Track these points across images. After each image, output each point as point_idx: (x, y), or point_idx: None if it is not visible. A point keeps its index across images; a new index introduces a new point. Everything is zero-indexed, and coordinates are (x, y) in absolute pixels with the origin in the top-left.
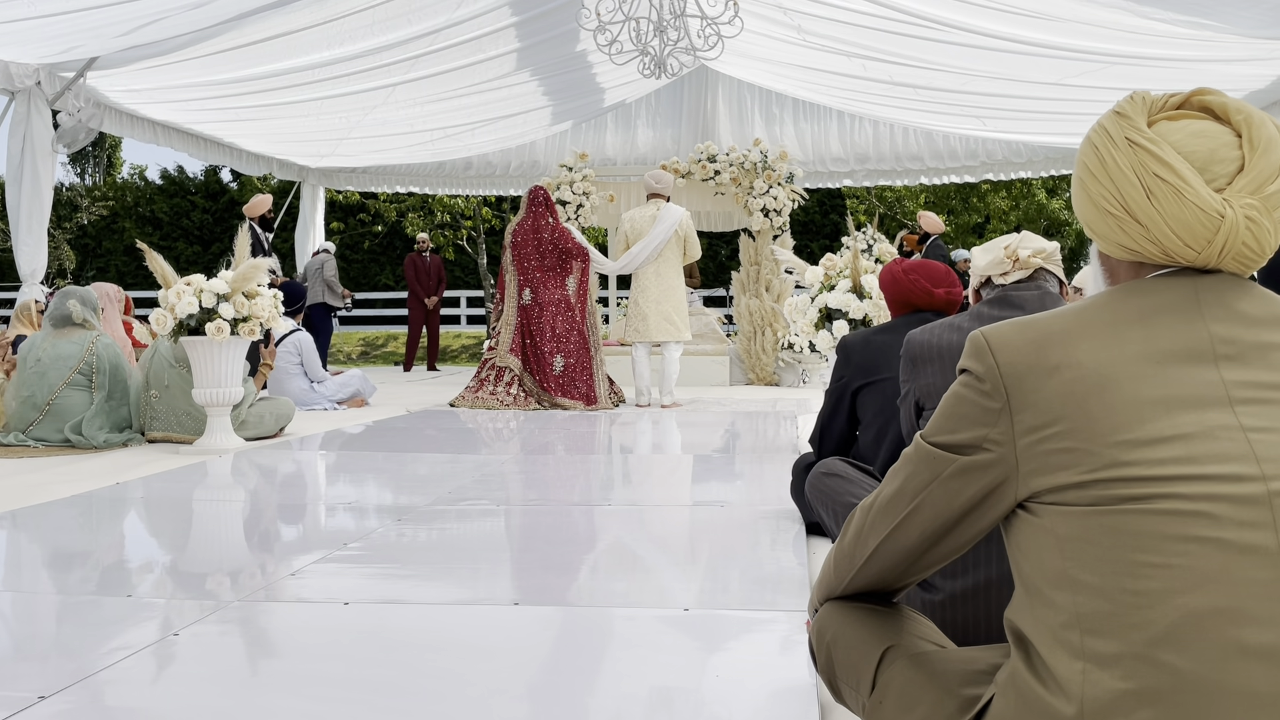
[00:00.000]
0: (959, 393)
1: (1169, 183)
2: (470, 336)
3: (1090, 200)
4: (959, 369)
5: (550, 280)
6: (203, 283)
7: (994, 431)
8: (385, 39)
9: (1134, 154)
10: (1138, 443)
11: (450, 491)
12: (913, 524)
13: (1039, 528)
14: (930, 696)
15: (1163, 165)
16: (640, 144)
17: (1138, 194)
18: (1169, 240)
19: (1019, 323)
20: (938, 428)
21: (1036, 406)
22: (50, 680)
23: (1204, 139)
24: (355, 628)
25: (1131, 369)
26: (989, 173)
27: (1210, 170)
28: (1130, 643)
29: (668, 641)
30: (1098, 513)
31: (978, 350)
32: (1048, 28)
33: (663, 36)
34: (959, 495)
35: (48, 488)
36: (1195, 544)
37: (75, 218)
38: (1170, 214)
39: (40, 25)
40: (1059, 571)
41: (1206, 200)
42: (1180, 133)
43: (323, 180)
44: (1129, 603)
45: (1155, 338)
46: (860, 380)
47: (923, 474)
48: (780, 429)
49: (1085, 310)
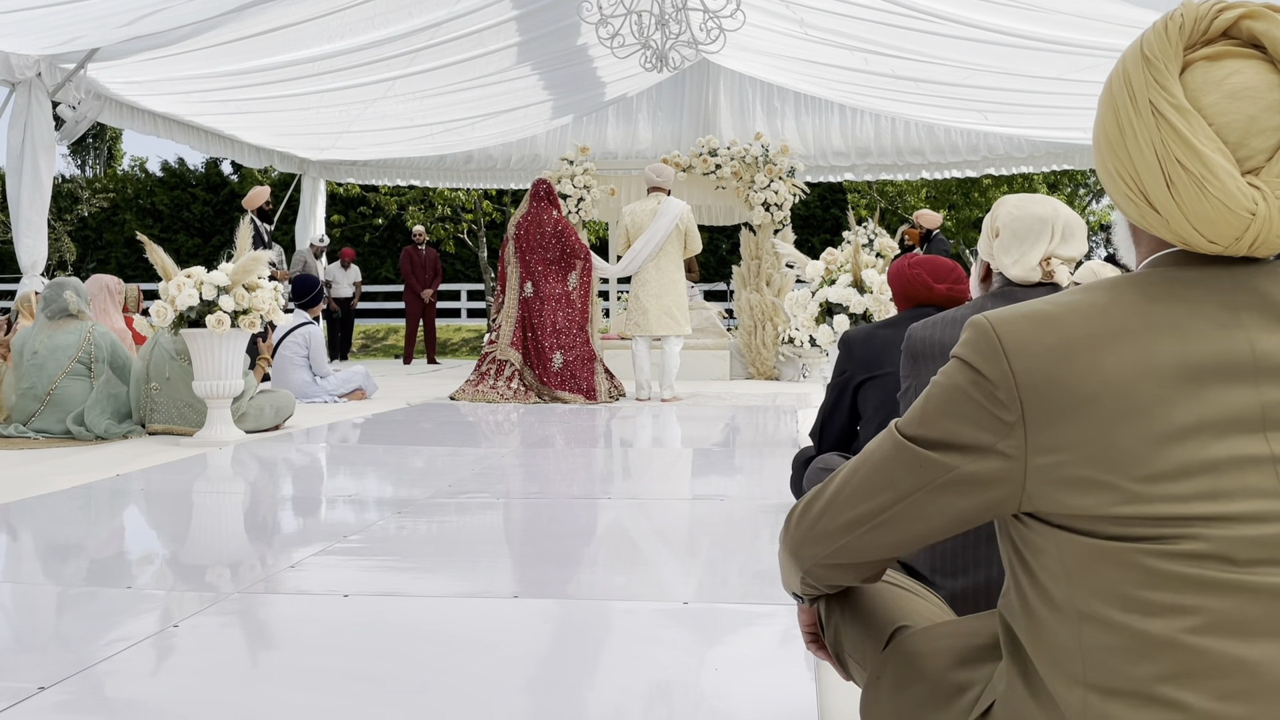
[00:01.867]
0: (959, 388)
1: (1192, 173)
2: (470, 330)
3: (1109, 172)
4: (955, 355)
5: (552, 274)
6: (203, 275)
7: (1003, 444)
8: (386, 32)
9: (1157, 127)
10: (1163, 477)
11: (450, 484)
12: (877, 535)
13: (1044, 545)
14: (925, 677)
15: (1187, 149)
16: (641, 138)
17: (1156, 181)
18: (1189, 234)
19: (1034, 316)
20: (922, 420)
21: (1056, 426)
22: (50, 671)
23: (1245, 101)
24: (355, 620)
25: (1163, 391)
26: (990, 167)
27: (1247, 145)
28: (1135, 679)
29: (667, 635)
30: (1111, 549)
31: (988, 347)
32: (1049, 22)
33: (664, 30)
34: (948, 507)
35: (48, 479)
36: (1209, 586)
37: (76, 210)
38: (1192, 209)
39: (41, 16)
40: (1063, 596)
41: (1234, 196)
42: (1216, 91)
43: (323, 173)
44: (1136, 639)
45: (1190, 350)
46: (863, 375)
47: (904, 481)
48: (780, 423)
49: (1110, 309)
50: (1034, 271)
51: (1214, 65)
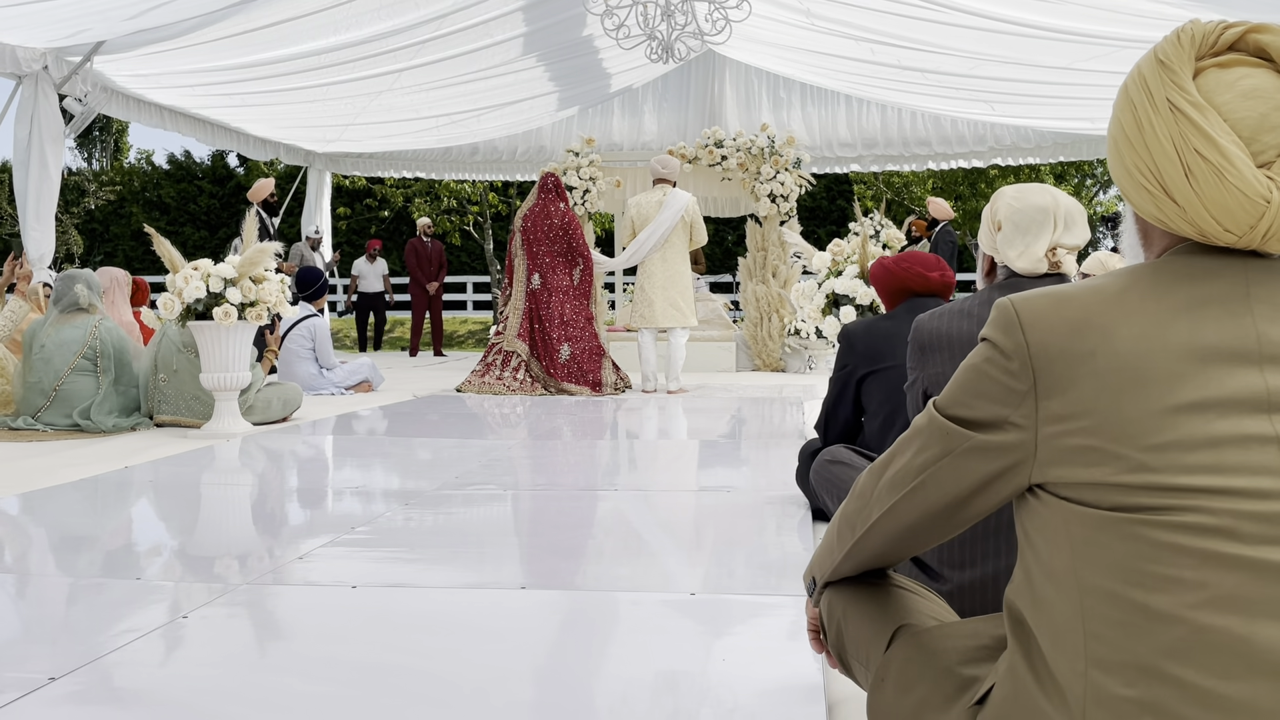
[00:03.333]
0: (979, 366)
1: (1210, 162)
2: (477, 322)
3: (1125, 168)
4: (981, 336)
5: (559, 266)
6: (210, 267)
7: (1016, 414)
8: (392, 24)
9: (1175, 122)
10: (1168, 447)
11: (457, 476)
12: (918, 498)
13: (1050, 520)
14: (929, 675)
15: (1205, 140)
16: (647, 129)
17: (1175, 171)
18: (1206, 224)
19: (1053, 295)
20: (953, 400)
21: (1066, 395)
22: (60, 662)
23: (1256, 100)
24: (362, 611)
25: (1173, 366)
26: (997, 158)
27: (1259, 140)
28: (1136, 653)
29: (673, 626)
30: (1115, 519)
31: (1006, 322)
32: (1057, 11)
33: (670, 21)
34: (969, 474)
35: (56, 471)
36: (1213, 560)
37: (83, 202)
38: (1210, 197)
39: (47, 9)
40: (1067, 570)
41: (1250, 184)
42: (1229, 91)
43: (329, 165)
44: (1139, 612)
45: (1200, 331)
46: (865, 368)
47: (933, 448)
48: (786, 415)
49: (1128, 291)
50: (1040, 263)
51: (1225, 71)
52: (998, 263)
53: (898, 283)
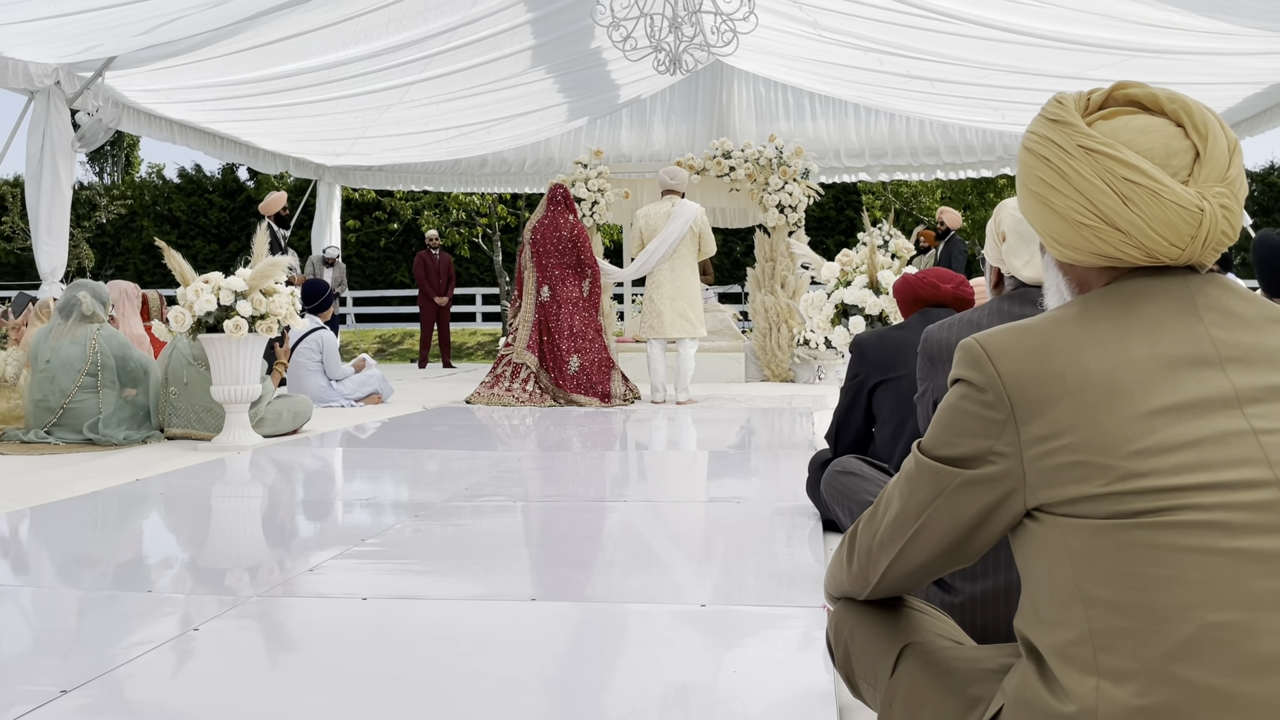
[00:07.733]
0: (957, 405)
1: (1143, 185)
2: (486, 334)
3: (1055, 214)
4: (952, 379)
5: (569, 278)
6: (220, 281)
7: (998, 443)
8: (400, 38)
9: (1095, 162)
10: (1151, 452)
11: (467, 488)
12: (920, 542)
13: (1049, 540)
14: (936, 698)
15: (1130, 169)
16: (655, 140)
17: (1113, 202)
18: (1153, 242)
19: (1014, 329)
20: (936, 441)
21: (1044, 417)
22: (71, 675)
23: (1152, 134)
24: (373, 623)
25: (1141, 376)
26: (1006, 167)
27: (1170, 164)
28: (1145, 659)
29: (684, 637)
30: (1111, 527)
31: (974, 359)
32: (1065, 20)
33: (678, 32)
34: (965, 509)
35: (68, 484)
36: (1210, 555)
37: (94, 216)
38: (1152, 215)
39: (59, 25)
40: (1071, 586)
41: (1184, 197)
42: (1126, 131)
43: (339, 178)
44: (1144, 618)
45: (1160, 343)
46: (876, 378)
47: (925, 490)
48: (796, 425)
49: (1082, 317)
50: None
51: (1111, 120)
52: (1005, 274)
53: (911, 293)
